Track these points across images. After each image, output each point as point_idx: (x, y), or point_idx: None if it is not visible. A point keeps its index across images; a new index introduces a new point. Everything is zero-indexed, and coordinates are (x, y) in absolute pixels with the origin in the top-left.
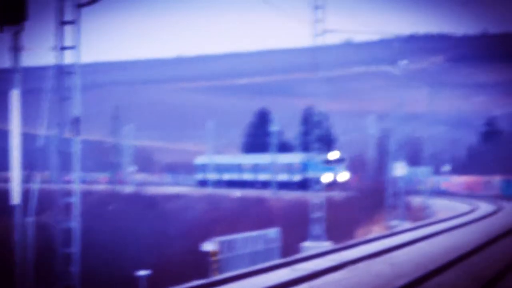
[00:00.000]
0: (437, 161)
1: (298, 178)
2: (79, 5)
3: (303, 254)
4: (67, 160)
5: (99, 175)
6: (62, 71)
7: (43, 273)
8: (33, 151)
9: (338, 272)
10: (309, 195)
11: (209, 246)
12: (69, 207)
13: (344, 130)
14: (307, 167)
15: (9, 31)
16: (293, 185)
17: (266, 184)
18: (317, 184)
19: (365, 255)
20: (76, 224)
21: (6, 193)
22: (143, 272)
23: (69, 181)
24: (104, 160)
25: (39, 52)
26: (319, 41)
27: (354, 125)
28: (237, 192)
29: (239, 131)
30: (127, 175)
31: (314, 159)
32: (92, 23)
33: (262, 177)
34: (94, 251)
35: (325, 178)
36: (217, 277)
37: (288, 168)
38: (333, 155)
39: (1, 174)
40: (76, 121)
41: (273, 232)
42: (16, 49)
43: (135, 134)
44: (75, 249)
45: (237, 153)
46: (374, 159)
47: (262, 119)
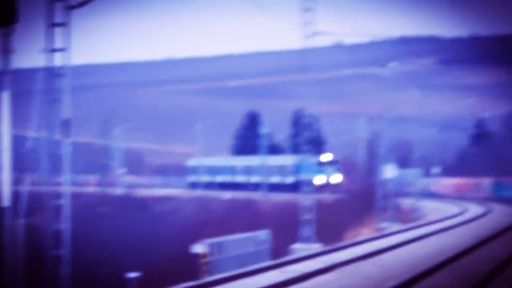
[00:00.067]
0: (427, 163)
1: (290, 180)
2: (69, 7)
3: (293, 256)
4: (57, 162)
5: (89, 177)
6: (52, 73)
7: (33, 275)
8: (23, 153)
9: (328, 274)
10: (299, 197)
11: (199, 248)
12: (59, 209)
13: (334, 132)
14: (300, 169)
15: None
16: (286, 187)
17: (258, 186)
18: (309, 186)
19: (355, 257)
20: (66, 226)
21: None
22: (133, 274)
23: (59, 183)
24: (94, 162)
25: (30, 54)
26: (309, 43)
27: (344, 127)
28: (227, 194)
29: (229, 133)
30: (117, 177)
31: (307, 161)
32: (82, 25)
33: (255, 179)
34: (84, 253)
35: (318, 180)
36: (207, 279)
37: (281, 170)
38: (326, 157)
39: None
40: (66, 123)
41: (263, 234)
42: (6, 51)
43: (125, 136)
44: (65, 251)
45: (227, 155)
46: (364, 162)
47: (252, 121)
